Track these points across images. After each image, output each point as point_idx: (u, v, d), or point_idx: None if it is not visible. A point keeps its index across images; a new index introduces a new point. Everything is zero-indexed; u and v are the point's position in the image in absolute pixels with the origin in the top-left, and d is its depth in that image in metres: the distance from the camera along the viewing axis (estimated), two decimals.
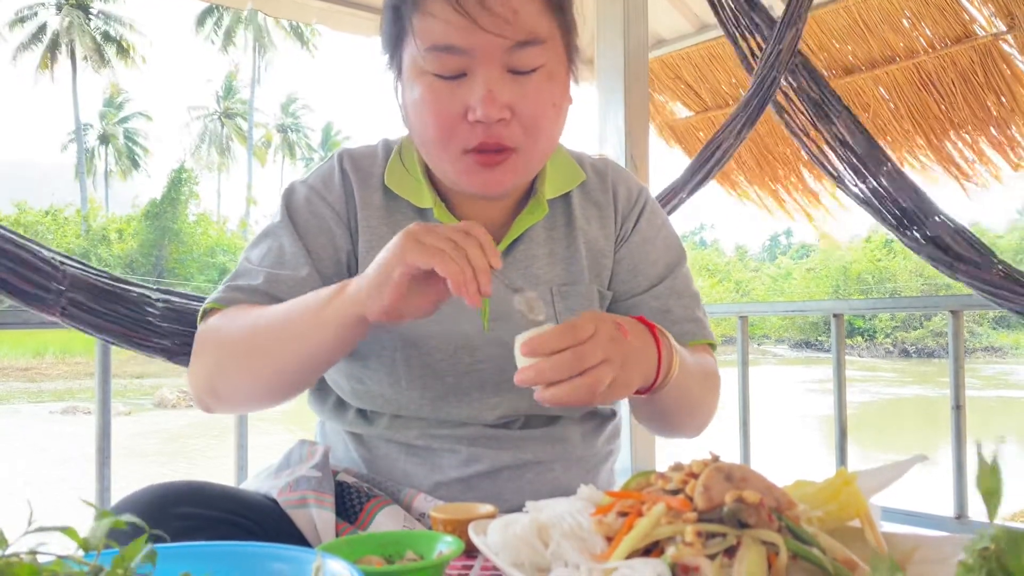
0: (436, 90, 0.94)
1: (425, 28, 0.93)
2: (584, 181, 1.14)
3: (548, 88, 0.96)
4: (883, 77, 3.35)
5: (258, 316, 0.96)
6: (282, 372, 0.95)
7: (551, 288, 1.07)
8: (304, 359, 0.93)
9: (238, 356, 0.97)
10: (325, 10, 3.23)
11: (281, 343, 0.93)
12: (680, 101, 3.93)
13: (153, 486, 0.86)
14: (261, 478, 1.05)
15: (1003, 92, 3.12)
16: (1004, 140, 3.19)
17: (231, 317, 0.99)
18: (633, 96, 2.38)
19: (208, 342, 1.00)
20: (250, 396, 1.00)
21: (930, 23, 3.15)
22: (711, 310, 3.16)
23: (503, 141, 0.95)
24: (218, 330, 0.99)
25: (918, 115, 3.34)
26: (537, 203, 1.08)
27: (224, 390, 1.00)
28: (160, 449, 12.11)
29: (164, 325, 1.59)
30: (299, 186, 1.09)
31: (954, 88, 3.21)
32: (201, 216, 34.12)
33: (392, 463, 1.05)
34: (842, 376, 2.54)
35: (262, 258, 1.05)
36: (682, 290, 1.14)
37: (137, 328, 1.56)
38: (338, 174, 1.08)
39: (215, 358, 0.99)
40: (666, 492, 0.64)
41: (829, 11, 3.29)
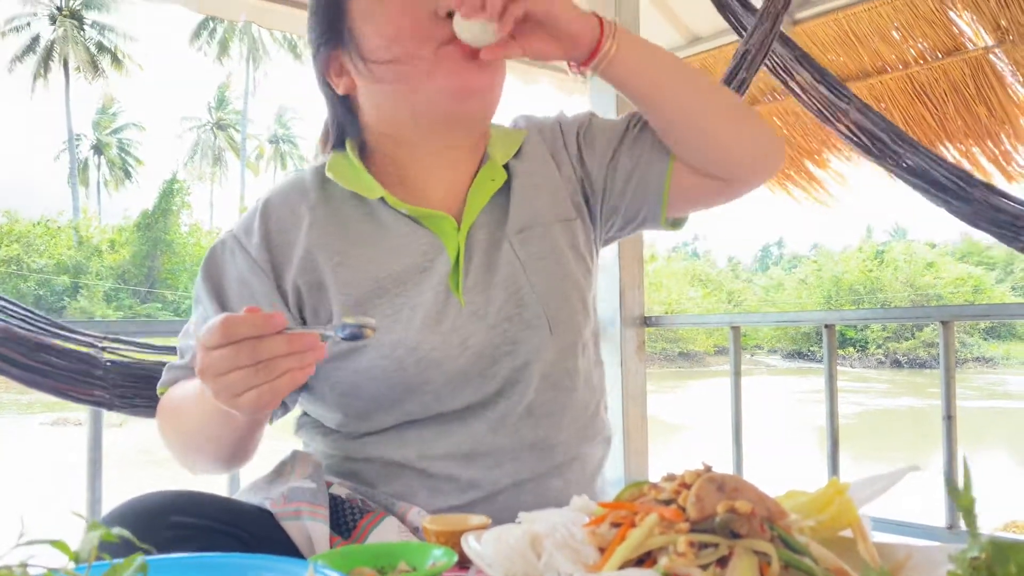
0: (399, 3, 0.97)
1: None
2: (526, 137, 1.13)
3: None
4: (876, 87, 3.37)
5: (175, 416, 1.00)
6: (222, 457, 0.97)
7: (509, 241, 1.06)
8: (229, 446, 0.94)
9: (185, 450, 1.01)
10: None
11: (203, 437, 0.95)
12: None
13: (145, 496, 0.86)
14: (254, 488, 1.05)
15: (994, 105, 3.14)
16: (998, 153, 3.21)
17: (164, 412, 1.03)
18: (626, 108, 2.40)
19: (164, 430, 1.04)
20: (216, 469, 1.02)
21: (920, 35, 3.18)
22: (703, 320, 3.17)
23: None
24: (165, 419, 1.03)
25: (912, 124, 3.35)
26: (493, 167, 1.08)
27: (194, 468, 1.03)
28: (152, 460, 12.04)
29: (106, 382, 1.58)
30: (218, 245, 1.07)
31: (946, 99, 3.23)
32: (194, 227, 34.04)
33: (387, 487, 1.05)
34: (834, 386, 2.54)
35: (196, 328, 1.04)
36: (623, 125, 1.14)
37: (76, 384, 1.55)
38: (259, 218, 1.05)
39: (173, 447, 1.03)
40: (659, 502, 0.64)
41: (820, 23, 3.32)
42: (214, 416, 0.87)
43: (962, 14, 3.03)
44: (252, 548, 0.88)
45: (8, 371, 1.48)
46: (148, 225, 32.04)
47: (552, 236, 1.08)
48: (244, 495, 1.04)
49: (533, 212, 1.08)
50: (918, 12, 3.10)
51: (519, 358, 1.02)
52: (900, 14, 3.13)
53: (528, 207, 1.08)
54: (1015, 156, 3.20)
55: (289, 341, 0.75)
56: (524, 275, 1.04)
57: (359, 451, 1.05)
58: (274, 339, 0.74)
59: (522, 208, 1.08)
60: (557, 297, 1.05)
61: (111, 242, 31.86)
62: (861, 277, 34.33)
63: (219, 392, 0.77)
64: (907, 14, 3.12)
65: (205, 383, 0.78)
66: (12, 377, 1.49)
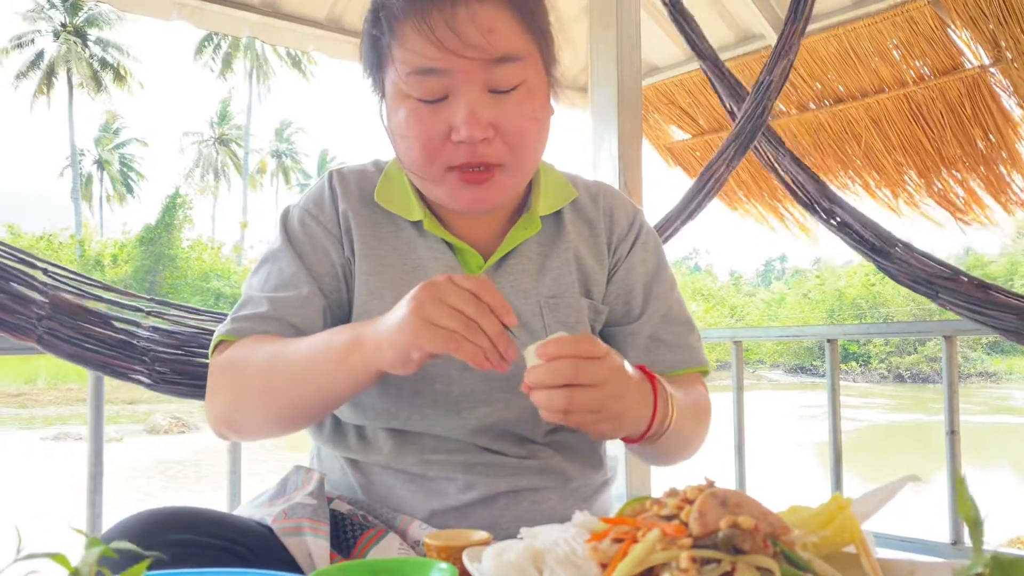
0: (419, 113, 0.96)
1: (403, 54, 0.95)
2: (576, 199, 1.15)
3: (529, 104, 0.98)
4: (873, 106, 3.38)
5: (275, 354, 0.97)
6: (299, 409, 0.98)
7: (539, 301, 1.08)
8: (321, 400, 0.96)
9: (256, 393, 0.99)
10: (322, 38, 3.26)
11: (299, 385, 0.95)
12: (676, 124, 3.97)
13: (145, 512, 0.86)
14: (255, 504, 1.05)
15: (991, 129, 3.14)
16: (993, 180, 3.21)
17: (247, 352, 1.00)
18: (626, 123, 2.40)
19: (225, 377, 1.01)
20: (265, 428, 1.02)
21: (919, 53, 3.19)
22: (705, 335, 3.17)
23: (487, 159, 0.97)
24: (234, 365, 1.00)
25: (909, 147, 3.36)
26: (530, 218, 1.09)
27: (241, 423, 1.02)
28: (152, 475, 12.01)
29: (147, 356, 1.58)
30: (293, 210, 1.12)
31: (943, 121, 3.23)
32: (196, 242, 34.11)
33: (388, 490, 1.05)
34: (837, 401, 2.54)
35: (263, 284, 1.07)
36: (675, 317, 1.14)
37: (118, 357, 1.56)
38: (328, 193, 1.11)
39: (233, 394, 1.01)
40: (661, 518, 0.64)
41: (820, 39, 3.33)
42: (341, 368, 0.91)
43: (961, 32, 3.04)
44: (252, 565, 0.87)
45: (57, 346, 1.49)
46: (150, 239, 32.11)
47: (579, 308, 1.10)
48: (244, 511, 1.04)
49: (569, 282, 1.10)
50: (917, 29, 3.12)
51: (519, 402, 1.03)
52: (900, 30, 3.15)
53: (566, 275, 1.10)
54: (1012, 184, 3.20)
55: (502, 333, 0.83)
56: (545, 335, 1.06)
57: (364, 451, 1.06)
58: (492, 317, 0.83)
59: (560, 274, 1.10)
60: None
61: (113, 257, 31.91)
62: (863, 291, 34.26)
63: (428, 324, 0.82)
64: (906, 31, 3.14)
65: (418, 327, 0.82)
66: (60, 353, 1.50)
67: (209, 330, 1.70)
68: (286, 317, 1.03)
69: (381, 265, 1.07)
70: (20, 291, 1.47)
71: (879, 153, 3.44)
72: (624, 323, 1.14)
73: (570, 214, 1.14)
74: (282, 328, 1.02)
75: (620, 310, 1.14)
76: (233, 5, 2.99)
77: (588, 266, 1.12)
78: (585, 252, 1.13)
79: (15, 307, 1.46)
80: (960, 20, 2.99)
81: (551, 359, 0.83)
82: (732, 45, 3.65)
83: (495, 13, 0.94)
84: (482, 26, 0.93)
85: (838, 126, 3.46)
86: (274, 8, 3.10)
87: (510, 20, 0.96)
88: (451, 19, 0.92)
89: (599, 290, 1.13)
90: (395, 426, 1.04)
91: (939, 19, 3.05)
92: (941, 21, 3.05)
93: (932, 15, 3.04)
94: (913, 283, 2.27)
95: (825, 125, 3.52)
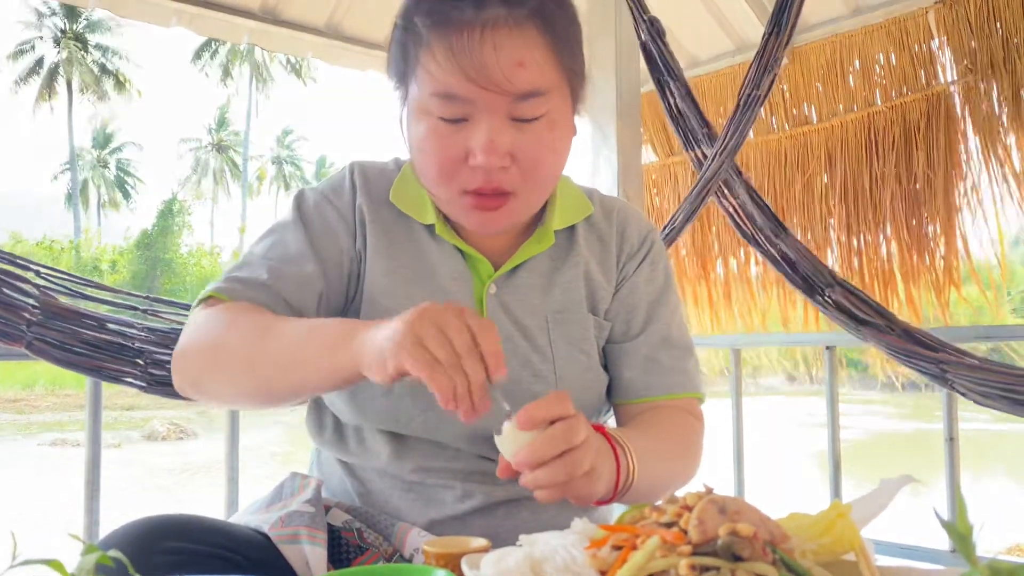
0: (439, 132, 0.95)
1: (430, 73, 0.93)
2: (590, 215, 1.14)
3: (549, 135, 0.97)
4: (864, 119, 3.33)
5: (262, 331, 0.93)
6: (273, 391, 0.95)
7: (546, 316, 1.07)
8: (300, 388, 0.93)
9: (232, 364, 0.95)
10: (320, 45, 3.27)
11: (281, 369, 0.92)
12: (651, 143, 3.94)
13: (141, 519, 0.85)
14: (251, 511, 1.04)
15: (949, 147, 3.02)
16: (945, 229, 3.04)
17: (232, 318, 0.96)
18: (625, 132, 2.41)
19: (204, 337, 0.97)
20: (233, 399, 1.01)
21: (902, 69, 3.15)
22: (702, 341, 3.16)
23: (502, 186, 0.96)
24: (215, 329, 0.96)
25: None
26: (544, 233, 1.08)
27: (209, 388, 0.99)
28: (149, 482, 11.98)
29: (141, 359, 1.57)
30: (309, 192, 1.11)
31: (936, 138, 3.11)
32: (197, 249, 34.14)
33: (386, 498, 1.04)
34: (835, 408, 2.54)
35: (267, 251, 1.04)
36: (675, 340, 1.13)
37: (111, 360, 1.55)
38: (348, 183, 1.10)
39: (209, 358, 0.97)
40: (660, 525, 0.64)
41: (813, 48, 3.35)
42: (327, 355, 0.87)
43: (944, 49, 3.02)
44: (249, 572, 0.87)
45: (46, 351, 1.48)
46: (148, 245, 32.13)
47: (585, 325, 1.09)
48: (241, 518, 1.03)
49: (577, 297, 1.10)
50: (904, 45, 3.11)
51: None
52: (892, 39, 3.15)
53: (574, 291, 1.10)
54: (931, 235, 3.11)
55: (482, 385, 0.79)
56: (550, 350, 1.06)
57: (364, 456, 1.06)
58: (479, 363, 0.79)
59: (568, 289, 1.09)
60: (576, 386, 1.05)
61: (112, 262, 31.94)
62: None
63: (415, 350, 0.78)
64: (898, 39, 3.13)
65: (405, 342, 0.79)
66: (49, 358, 1.49)
67: None
68: (281, 292, 1.00)
69: (393, 265, 1.06)
70: (10, 297, 1.47)
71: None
72: (622, 340, 1.13)
73: (583, 229, 1.13)
74: (275, 302, 0.99)
75: (620, 327, 1.13)
76: (232, 12, 2.99)
77: (597, 282, 1.12)
78: (595, 268, 1.12)
79: (3, 313, 1.45)
80: (947, 33, 2.98)
81: (537, 425, 0.80)
82: (731, 53, 3.67)
83: (527, 43, 0.92)
84: (511, 59, 0.90)
85: (815, 141, 3.42)
86: (273, 15, 3.10)
87: (543, 52, 0.93)
88: (479, 49, 0.89)
89: (604, 307, 1.13)
90: (394, 429, 1.03)
91: (926, 32, 3.05)
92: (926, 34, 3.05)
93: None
94: (844, 325, 2.28)
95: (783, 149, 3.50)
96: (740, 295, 3.66)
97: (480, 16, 0.90)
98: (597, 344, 1.11)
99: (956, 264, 3.02)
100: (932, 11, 3.03)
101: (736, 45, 3.64)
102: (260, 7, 3.05)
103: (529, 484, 0.81)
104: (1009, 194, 2.83)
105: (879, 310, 2.25)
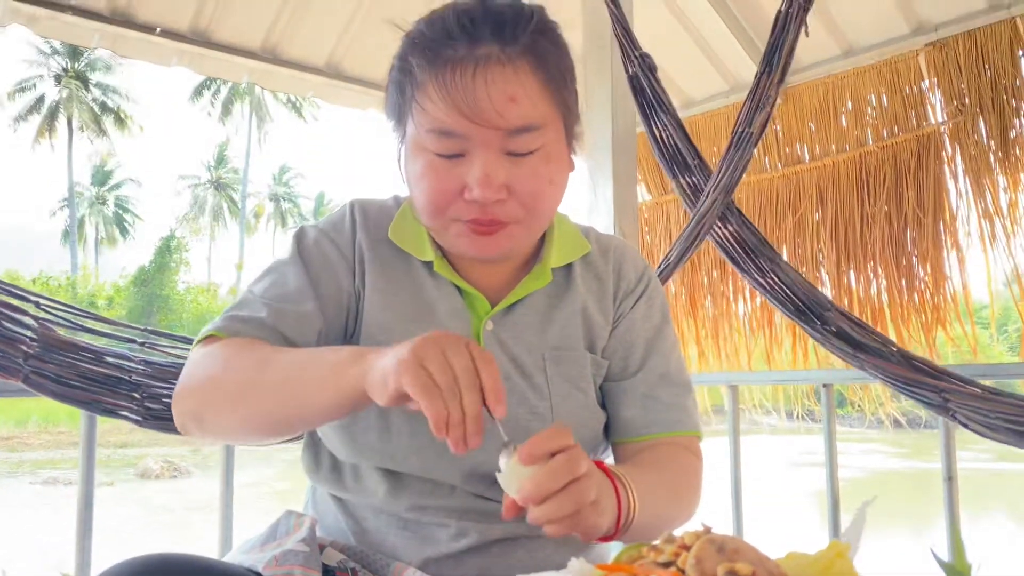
0: (435, 167, 0.96)
1: (424, 111, 0.95)
2: (587, 253, 1.15)
3: (545, 168, 0.98)
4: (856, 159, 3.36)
5: (263, 360, 0.93)
6: (276, 419, 0.94)
7: (543, 354, 1.07)
8: (302, 412, 0.93)
9: (235, 396, 0.95)
10: (321, 84, 3.31)
11: (283, 395, 0.91)
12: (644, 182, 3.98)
13: (134, 559, 0.84)
14: (245, 550, 1.03)
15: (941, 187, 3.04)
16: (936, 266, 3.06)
17: (233, 352, 0.96)
18: (621, 170, 2.43)
19: (204, 371, 0.97)
20: (235, 433, 0.99)
21: (896, 107, 3.19)
22: (700, 379, 3.16)
23: (499, 217, 0.97)
24: (216, 362, 0.96)
25: None
26: (541, 270, 1.09)
27: (211, 421, 0.98)
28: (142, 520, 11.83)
29: (137, 393, 1.56)
30: (309, 229, 1.11)
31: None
32: (192, 286, 34.15)
33: (382, 537, 1.04)
34: (833, 446, 2.52)
35: (266, 290, 1.05)
36: (674, 377, 1.13)
37: (107, 393, 1.54)
38: (348, 221, 1.10)
39: (209, 391, 0.96)
40: (658, 564, 0.64)
41: (806, 88, 3.40)
42: (334, 375, 0.87)
43: (935, 90, 3.07)
44: None
45: (43, 385, 1.47)
46: (145, 281, 32.15)
47: (582, 363, 1.09)
48: (235, 557, 1.02)
49: (575, 335, 1.10)
50: (895, 86, 3.16)
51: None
52: (884, 80, 3.20)
53: (572, 329, 1.10)
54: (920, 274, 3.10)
55: (478, 417, 0.79)
56: (547, 388, 1.06)
57: (360, 494, 1.05)
58: (477, 394, 0.79)
59: (566, 326, 1.10)
60: (574, 424, 1.05)
61: (109, 299, 31.91)
62: None
63: (417, 376, 0.78)
64: (889, 80, 3.18)
65: (408, 364, 0.79)
66: (45, 392, 1.48)
67: None
68: (282, 329, 1.00)
69: (391, 302, 1.06)
70: (8, 330, 1.47)
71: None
72: (620, 378, 1.13)
73: (580, 268, 1.14)
74: (275, 338, 1.00)
75: (618, 365, 1.13)
76: (233, 52, 3.04)
77: (594, 320, 1.12)
78: (592, 307, 1.13)
79: (2, 347, 1.45)
80: (938, 74, 3.03)
81: (539, 460, 0.80)
82: (725, 93, 3.72)
83: (519, 79, 0.93)
84: (503, 94, 0.92)
85: (808, 180, 3.45)
86: (274, 55, 3.15)
87: (535, 88, 0.95)
88: (472, 85, 0.91)
89: (602, 345, 1.13)
90: (390, 466, 1.03)
91: (917, 73, 3.10)
92: (917, 75, 3.10)
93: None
94: (841, 353, 2.23)
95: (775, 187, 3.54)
96: (727, 333, 3.68)
97: (473, 53, 0.92)
98: (594, 382, 1.11)
99: (944, 304, 3.03)
100: (923, 53, 3.09)
101: (730, 85, 3.69)
102: (261, 47, 3.10)
103: (538, 519, 0.80)
104: (997, 234, 2.86)
105: (877, 336, 2.22)
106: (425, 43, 0.95)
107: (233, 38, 3.03)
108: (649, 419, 1.10)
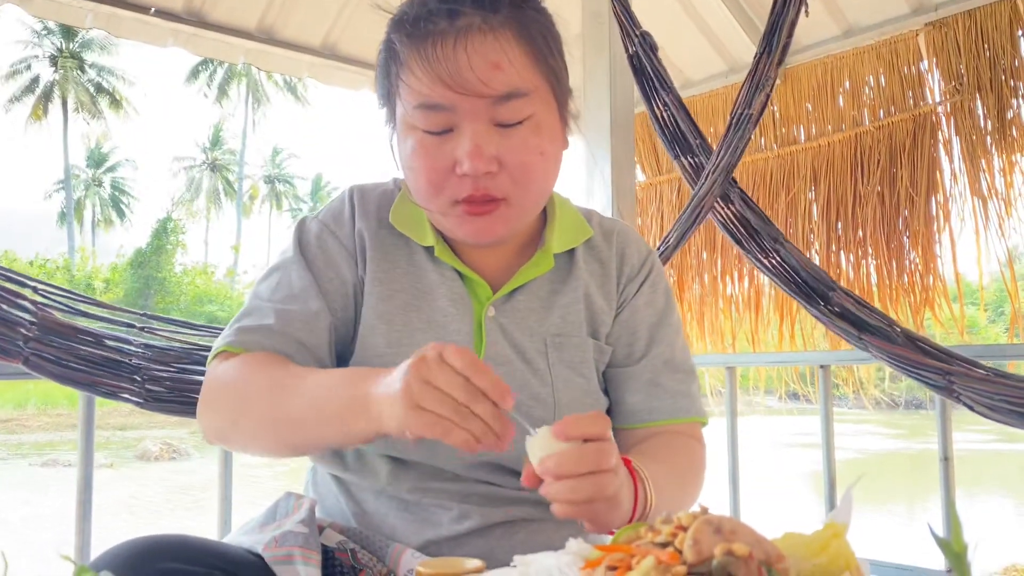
0: (425, 145, 0.96)
1: (410, 87, 0.95)
2: (590, 238, 1.14)
3: (535, 138, 0.97)
4: (851, 139, 3.36)
5: (279, 390, 0.94)
6: (296, 447, 0.96)
7: (545, 340, 1.07)
8: (321, 445, 0.96)
9: (254, 423, 0.97)
10: (316, 65, 3.29)
11: (301, 429, 0.92)
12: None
13: (134, 540, 0.85)
14: (245, 531, 1.04)
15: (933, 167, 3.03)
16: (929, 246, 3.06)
17: (250, 371, 0.97)
18: (619, 150, 2.42)
19: (224, 395, 0.99)
20: (260, 453, 1.02)
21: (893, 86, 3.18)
22: (697, 360, 3.17)
23: (491, 192, 0.97)
24: (235, 385, 0.97)
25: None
26: (543, 256, 1.08)
27: (235, 442, 1.01)
28: (143, 502, 11.89)
29: (138, 375, 1.57)
30: (310, 222, 1.11)
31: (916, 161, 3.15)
32: (189, 268, 34.07)
33: (382, 518, 1.04)
34: (830, 427, 2.53)
35: (272, 292, 1.05)
36: (678, 363, 1.13)
37: (107, 376, 1.55)
38: (348, 209, 1.10)
39: (231, 415, 0.98)
40: (655, 545, 0.64)
41: (804, 68, 3.38)
42: (343, 425, 0.88)
43: (933, 70, 3.05)
44: None
45: (43, 367, 1.48)
46: (141, 263, 32.07)
47: (585, 348, 1.09)
48: (235, 538, 1.03)
49: (577, 321, 1.09)
50: (893, 66, 3.14)
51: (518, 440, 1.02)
52: (882, 60, 3.18)
53: (574, 314, 1.09)
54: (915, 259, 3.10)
55: (497, 415, 0.79)
56: (548, 373, 1.05)
57: (362, 475, 1.06)
58: (484, 400, 0.78)
59: (568, 312, 1.09)
60: (575, 410, 1.04)
61: (105, 281, 31.84)
62: None
63: (419, 408, 0.78)
64: (888, 60, 3.17)
65: (406, 412, 0.79)
66: (46, 374, 1.49)
67: (203, 346, 1.69)
68: (292, 332, 1.01)
69: (391, 290, 1.06)
70: (7, 312, 1.47)
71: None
72: (625, 365, 1.12)
73: (583, 252, 1.13)
74: (287, 344, 1.00)
75: (622, 351, 1.12)
76: (229, 32, 3.01)
77: (597, 306, 1.12)
78: (595, 292, 1.12)
79: (1, 329, 1.46)
80: (936, 53, 3.02)
81: (570, 438, 0.80)
82: (724, 74, 3.70)
83: (501, 47, 0.93)
84: (486, 61, 0.92)
85: (810, 159, 3.44)
86: (269, 35, 3.12)
87: (518, 54, 0.94)
88: (453, 55, 0.91)
89: (605, 331, 1.12)
90: (393, 454, 1.03)
91: (915, 53, 3.08)
92: (916, 55, 3.09)
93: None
94: (845, 334, 2.23)
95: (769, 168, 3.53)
96: (713, 316, 3.68)
97: (454, 25, 0.93)
98: (597, 368, 1.11)
99: (934, 285, 3.04)
100: (922, 33, 3.07)
101: (729, 66, 3.67)
102: (256, 27, 3.07)
103: (552, 496, 0.81)
104: (991, 215, 2.86)
105: (882, 316, 2.22)
106: (407, 21, 0.96)
107: (228, 18, 3.01)
108: (654, 406, 1.10)
